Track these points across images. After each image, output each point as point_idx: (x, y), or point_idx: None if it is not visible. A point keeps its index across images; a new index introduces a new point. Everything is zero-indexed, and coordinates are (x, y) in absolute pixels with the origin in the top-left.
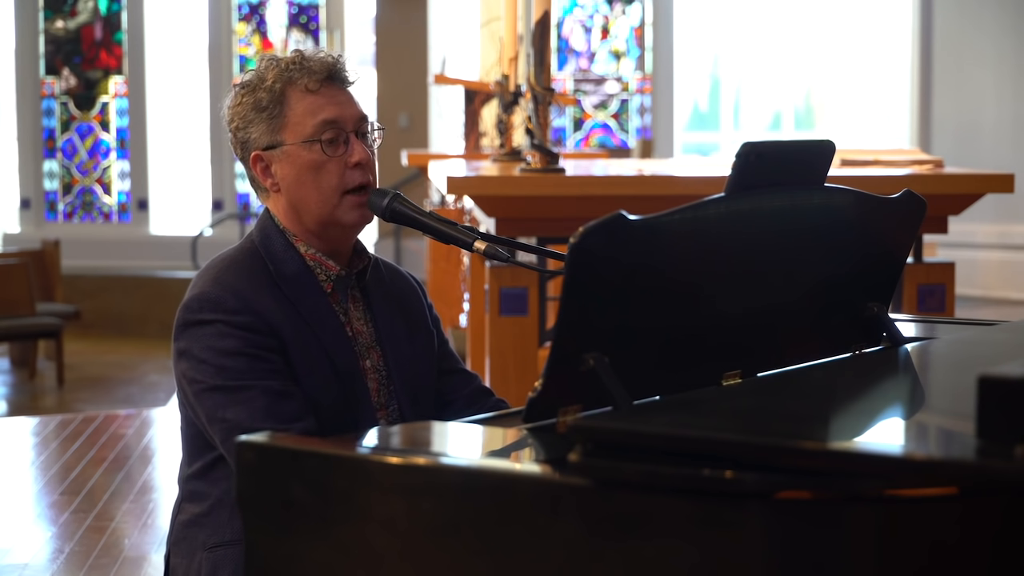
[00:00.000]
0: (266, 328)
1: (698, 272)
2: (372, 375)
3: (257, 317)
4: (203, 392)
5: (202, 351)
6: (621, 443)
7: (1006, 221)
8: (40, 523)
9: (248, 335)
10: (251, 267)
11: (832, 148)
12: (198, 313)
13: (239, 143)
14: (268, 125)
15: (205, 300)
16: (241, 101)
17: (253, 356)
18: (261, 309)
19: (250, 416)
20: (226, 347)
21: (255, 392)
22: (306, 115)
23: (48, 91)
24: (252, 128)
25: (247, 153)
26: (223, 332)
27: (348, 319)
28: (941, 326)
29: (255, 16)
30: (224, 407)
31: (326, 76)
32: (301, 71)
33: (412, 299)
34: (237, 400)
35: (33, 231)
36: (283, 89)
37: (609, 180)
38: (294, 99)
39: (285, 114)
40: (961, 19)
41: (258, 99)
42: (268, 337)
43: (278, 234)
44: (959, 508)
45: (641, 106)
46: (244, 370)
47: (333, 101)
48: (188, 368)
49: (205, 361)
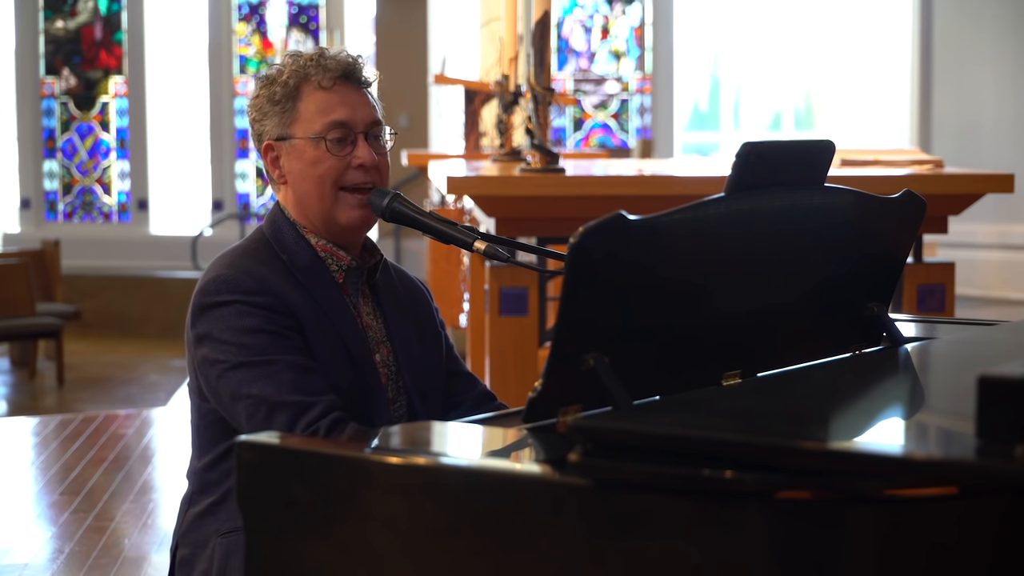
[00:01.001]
0: (284, 308)
1: (698, 272)
2: (382, 369)
3: (275, 297)
4: (227, 371)
5: (223, 332)
6: (621, 443)
7: (1006, 221)
8: (40, 523)
9: (268, 313)
10: (264, 255)
11: (832, 148)
12: (215, 295)
13: (256, 135)
14: (280, 118)
15: (222, 282)
16: (259, 93)
17: (274, 333)
18: (278, 290)
19: (277, 390)
20: (247, 325)
21: (280, 366)
22: (317, 113)
23: (48, 91)
24: (267, 120)
25: (261, 144)
26: (242, 311)
27: (358, 312)
28: (941, 326)
29: (255, 16)
30: (250, 383)
31: (341, 75)
32: (317, 68)
33: (420, 301)
34: (263, 375)
35: (33, 231)
36: (297, 84)
37: (609, 180)
38: (307, 95)
39: (297, 108)
40: (961, 19)
41: (272, 92)
42: (287, 316)
43: (288, 226)
44: (959, 508)
45: (641, 106)
46: (267, 346)
47: (345, 101)
48: (210, 351)
49: (227, 342)
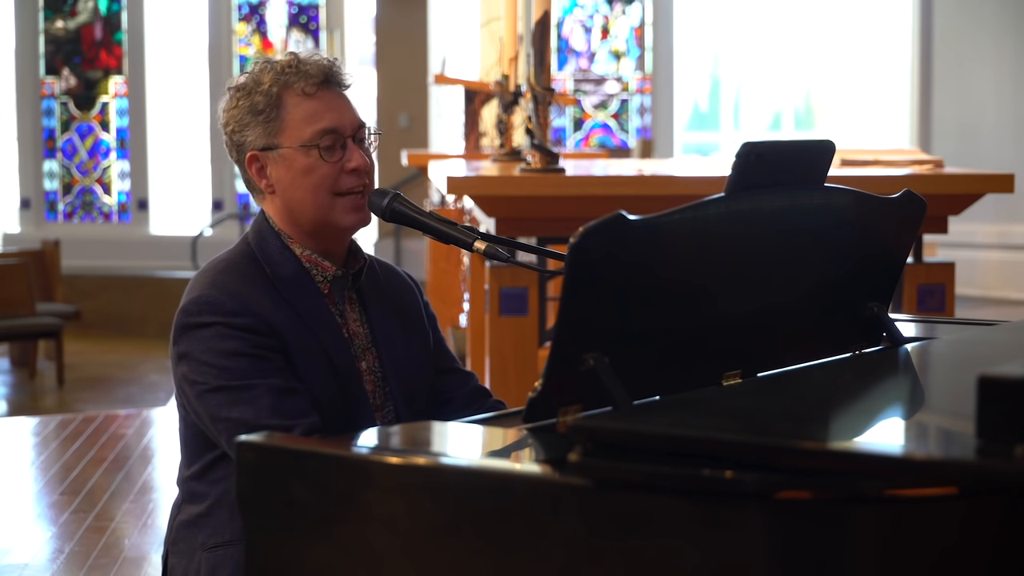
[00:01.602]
0: (265, 328)
1: (698, 272)
2: (368, 377)
3: (256, 318)
4: (205, 393)
5: (203, 353)
6: (621, 443)
7: (1006, 221)
8: (40, 523)
9: (249, 336)
10: (247, 270)
11: (832, 148)
12: (196, 316)
13: (234, 145)
14: (265, 128)
15: (203, 303)
16: (237, 104)
17: (255, 356)
18: (259, 310)
19: (256, 414)
20: (227, 348)
21: (260, 391)
22: (304, 121)
23: (48, 91)
24: (248, 131)
25: (242, 155)
26: (223, 334)
27: (344, 320)
28: (941, 326)
29: (255, 16)
30: (228, 407)
31: (323, 80)
32: (297, 74)
33: (407, 298)
34: (241, 399)
35: (33, 231)
36: (279, 93)
37: (609, 180)
38: (291, 103)
39: (282, 118)
40: (961, 19)
41: (254, 103)
42: (268, 337)
43: (273, 236)
44: (959, 508)
45: (641, 106)
46: (247, 370)
47: (332, 107)
48: (189, 371)
49: (207, 363)
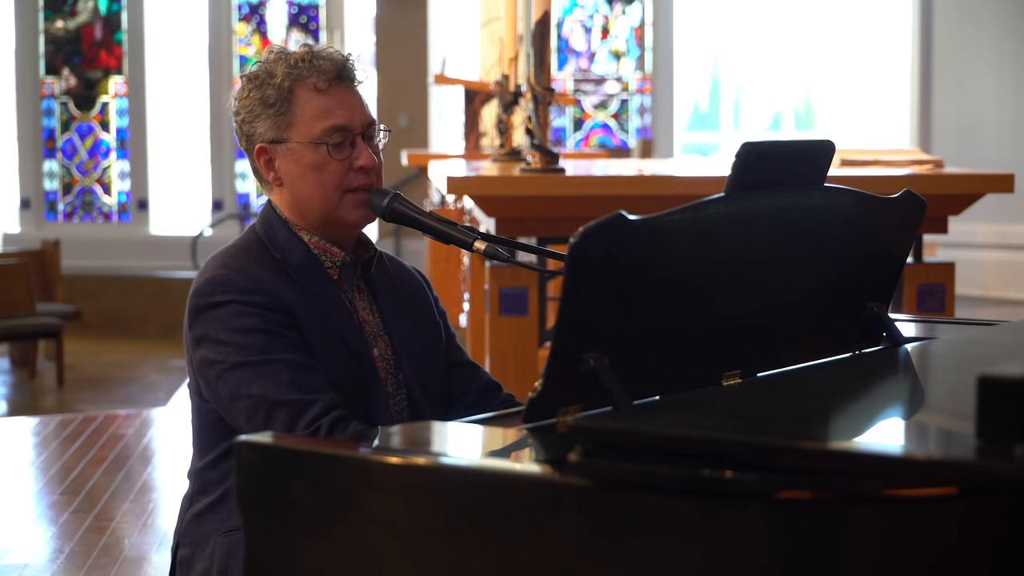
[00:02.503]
0: (280, 306)
1: (698, 272)
2: (380, 363)
3: (270, 297)
4: (226, 372)
5: (220, 332)
6: (621, 443)
7: (1006, 221)
8: (40, 523)
9: (264, 312)
10: (258, 254)
11: (832, 148)
12: (211, 296)
13: (244, 135)
14: (275, 121)
15: (217, 283)
16: (248, 95)
17: (272, 332)
18: (273, 290)
19: (276, 388)
20: (244, 325)
21: (279, 365)
22: (315, 117)
23: (48, 91)
24: (258, 122)
25: (252, 145)
26: (239, 311)
27: (354, 308)
28: (941, 326)
29: (255, 16)
30: (249, 383)
31: (335, 75)
32: (311, 69)
33: (418, 293)
34: (261, 374)
35: (33, 231)
36: (291, 87)
37: (609, 180)
38: (303, 98)
39: (293, 112)
40: (961, 19)
41: (266, 95)
42: (283, 314)
43: (281, 224)
44: (959, 508)
45: (641, 106)
46: (265, 345)
47: (343, 104)
48: (208, 352)
49: (224, 342)
